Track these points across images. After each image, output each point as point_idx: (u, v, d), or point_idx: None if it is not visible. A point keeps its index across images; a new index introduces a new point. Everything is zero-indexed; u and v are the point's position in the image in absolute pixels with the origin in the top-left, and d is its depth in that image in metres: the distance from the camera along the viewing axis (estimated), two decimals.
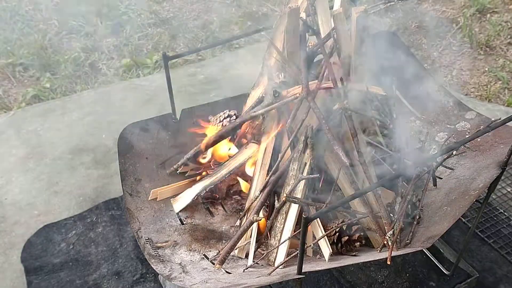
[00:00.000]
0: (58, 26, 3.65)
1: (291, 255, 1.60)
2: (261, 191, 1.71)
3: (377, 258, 1.60)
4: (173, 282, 1.52)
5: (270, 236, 1.69)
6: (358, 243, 1.69)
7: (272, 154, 1.80)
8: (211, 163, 1.95)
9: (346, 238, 1.68)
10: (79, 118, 2.90)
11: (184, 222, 1.83)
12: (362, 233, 1.70)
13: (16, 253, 2.21)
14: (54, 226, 2.32)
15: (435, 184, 1.84)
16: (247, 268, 1.62)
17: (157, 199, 1.86)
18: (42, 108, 2.97)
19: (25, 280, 2.11)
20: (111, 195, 2.45)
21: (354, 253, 1.69)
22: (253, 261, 1.65)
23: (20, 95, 3.13)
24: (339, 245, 1.68)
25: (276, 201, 1.73)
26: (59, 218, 2.36)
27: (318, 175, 1.63)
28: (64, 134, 2.80)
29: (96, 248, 2.22)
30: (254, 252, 1.68)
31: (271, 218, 1.69)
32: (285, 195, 1.63)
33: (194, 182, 1.91)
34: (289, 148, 1.73)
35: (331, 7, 1.84)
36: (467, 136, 1.94)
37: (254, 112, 1.73)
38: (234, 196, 1.96)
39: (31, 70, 3.31)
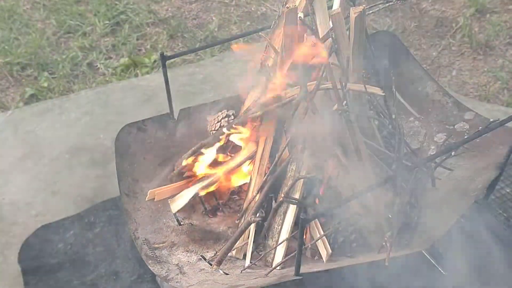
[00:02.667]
0: (56, 25, 3.64)
1: (289, 256, 1.60)
2: (259, 191, 1.70)
3: (376, 259, 1.59)
4: (170, 284, 1.52)
5: (267, 237, 1.68)
6: (355, 244, 1.68)
7: (270, 155, 1.80)
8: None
9: (342, 238, 1.67)
10: (77, 118, 2.89)
11: (182, 223, 1.82)
12: (359, 234, 1.69)
13: (14, 254, 2.20)
14: (51, 226, 2.31)
15: (433, 185, 1.84)
16: (244, 269, 1.62)
17: (155, 200, 1.85)
18: (39, 108, 2.96)
19: (22, 281, 2.10)
20: (109, 195, 2.43)
21: (350, 254, 1.68)
22: (251, 262, 1.64)
23: (17, 95, 3.12)
24: (336, 245, 1.67)
25: (273, 202, 1.72)
26: (57, 218, 2.34)
27: (315, 174, 1.62)
28: (62, 134, 2.79)
29: (93, 248, 2.21)
30: (252, 253, 1.67)
31: (268, 219, 1.69)
32: (282, 195, 1.62)
33: (192, 182, 1.90)
34: (287, 148, 1.72)
35: (329, 7, 1.83)
36: (466, 137, 1.93)
37: (252, 113, 1.73)
38: (232, 196, 1.96)
39: (28, 70, 3.29)
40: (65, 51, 3.43)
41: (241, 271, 1.62)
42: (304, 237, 1.72)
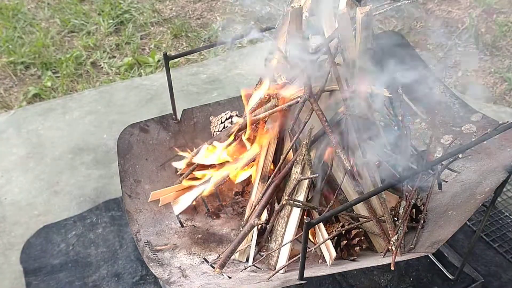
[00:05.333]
0: (60, 24, 3.63)
1: (292, 259, 1.57)
2: (263, 194, 1.68)
3: (381, 264, 1.57)
4: (172, 287, 1.50)
5: (270, 240, 1.66)
6: (358, 248, 1.66)
7: (274, 157, 1.77)
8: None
9: (345, 242, 1.64)
10: (80, 117, 2.88)
11: (184, 225, 1.80)
12: (362, 238, 1.67)
13: (15, 254, 2.18)
14: (53, 227, 2.30)
15: (440, 188, 1.82)
16: (245, 269, 1.60)
17: (160, 205, 1.83)
18: (43, 107, 2.95)
19: (24, 282, 2.08)
20: (112, 196, 2.42)
21: (352, 258, 1.65)
22: (252, 264, 1.62)
23: (21, 94, 3.11)
24: (338, 249, 1.65)
25: (276, 204, 1.70)
26: (59, 219, 2.33)
27: (317, 174, 1.60)
28: (65, 133, 2.78)
29: (96, 249, 2.20)
30: (255, 255, 1.65)
31: (271, 221, 1.67)
32: (286, 198, 1.60)
33: (195, 184, 1.88)
34: (291, 150, 1.70)
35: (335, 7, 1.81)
36: (473, 139, 1.90)
37: (255, 116, 1.70)
38: (235, 197, 1.94)
39: (32, 69, 3.29)
40: (69, 50, 3.42)
41: (242, 270, 1.60)
42: (313, 239, 1.70)
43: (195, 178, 1.90)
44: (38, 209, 2.38)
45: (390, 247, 1.57)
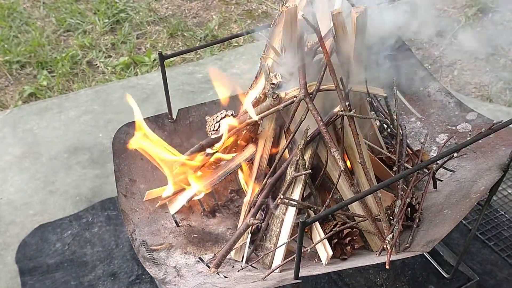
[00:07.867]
0: (55, 23, 3.62)
1: (288, 259, 1.57)
2: (258, 193, 1.68)
3: (376, 263, 1.57)
4: (167, 286, 1.50)
5: (265, 239, 1.66)
6: (350, 247, 1.65)
7: (269, 156, 1.77)
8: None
9: (336, 240, 1.64)
10: (76, 116, 2.88)
11: (180, 224, 1.80)
12: (355, 237, 1.67)
13: (11, 254, 2.18)
14: (49, 226, 2.29)
15: (435, 187, 1.82)
16: (241, 269, 1.60)
17: (157, 205, 1.83)
18: (38, 107, 2.95)
19: (19, 281, 2.08)
20: (108, 195, 2.42)
21: (344, 257, 1.65)
22: (247, 263, 1.63)
23: (16, 93, 3.11)
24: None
25: (271, 203, 1.70)
26: (55, 218, 2.33)
27: (310, 171, 1.60)
28: (60, 132, 2.78)
29: (91, 248, 2.20)
30: (250, 255, 1.65)
31: (265, 220, 1.67)
32: (280, 196, 1.60)
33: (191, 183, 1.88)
34: (287, 150, 1.70)
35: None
36: (468, 138, 1.91)
37: (250, 118, 1.70)
38: (231, 195, 1.94)
39: (28, 68, 3.28)
40: (65, 49, 3.42)
41: (237, 270, 1.61)
42: (310, 237, 1.70)
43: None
44: (33, 209, 2.38)
45: (385, 246, 1.57)
